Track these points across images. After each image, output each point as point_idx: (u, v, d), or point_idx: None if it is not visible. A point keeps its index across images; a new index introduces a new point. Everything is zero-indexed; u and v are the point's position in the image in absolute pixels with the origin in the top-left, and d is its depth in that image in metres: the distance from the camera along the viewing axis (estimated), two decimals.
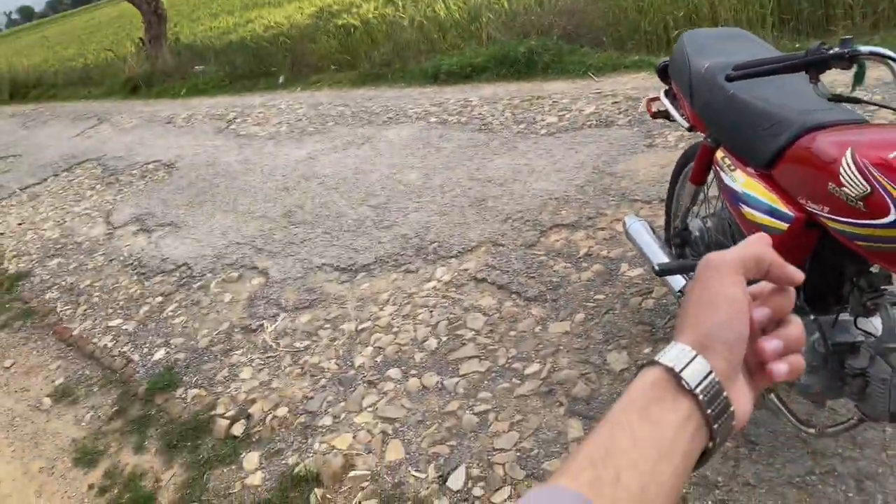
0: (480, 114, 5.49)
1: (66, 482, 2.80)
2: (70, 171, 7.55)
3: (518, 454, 2.22)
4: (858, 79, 1.29)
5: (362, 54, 8.66)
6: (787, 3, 5.65)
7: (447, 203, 4.06)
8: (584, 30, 6.60)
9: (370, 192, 4.55)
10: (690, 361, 0.47)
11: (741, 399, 0.50)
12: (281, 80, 9.32)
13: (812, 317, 1.61)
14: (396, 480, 2.28)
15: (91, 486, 2.75)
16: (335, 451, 2.48)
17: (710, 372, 0.47)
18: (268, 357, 3.16)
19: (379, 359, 2.89)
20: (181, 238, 4.80)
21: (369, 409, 2.63)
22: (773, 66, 1.28)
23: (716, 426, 0.47)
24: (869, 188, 1.31)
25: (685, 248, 2.30)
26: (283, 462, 2.54)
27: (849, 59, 1.20)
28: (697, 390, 0.46)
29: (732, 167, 1.84)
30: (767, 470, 1.89)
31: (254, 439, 2.71)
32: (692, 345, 0.48)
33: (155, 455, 2.85)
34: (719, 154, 1.92)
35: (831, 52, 1.21)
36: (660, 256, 2.28)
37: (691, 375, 0.47)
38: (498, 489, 2.13)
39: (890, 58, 1.19)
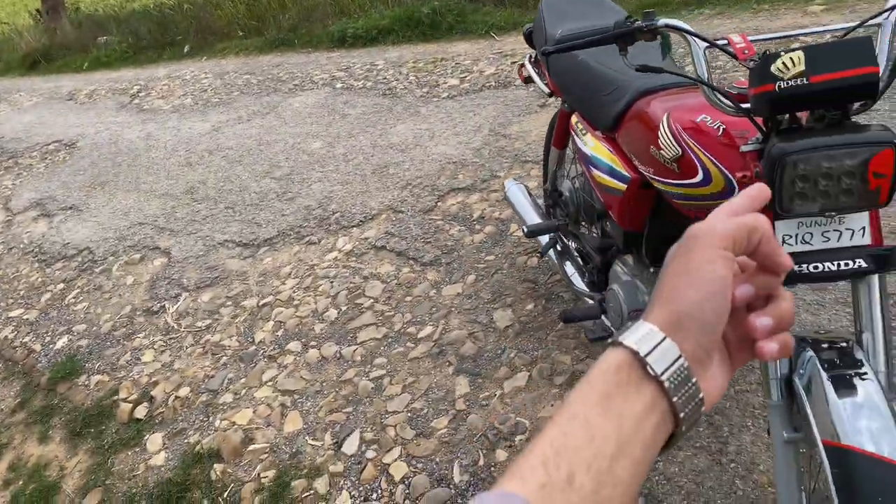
0: (385, 78, 5.48)
1: None
2: None
3: (409, 415, 2.32)
4: (665, 49, 1.38)
5: (270, 19, 8.46)
6: None
7: (350, 172, 4.07)
8: None
9: (274, 164, 4.52)
10: (658, 344, 0.43)
11: (713, 381, 0.46)
12: (186, 49, 9.02)
13: (651, 269, 1.74)
14: (294, 450, 2.35)
15: None
16: (235, 426, 2.52)
17: (679, 356, 0.44)
18: (170, 338, 3.16)
19: (280, 333, 2.93)
20: (83, 221, 4.67)
21: (269, 384, 2.67)
22: (585, 40, 1.35)
23: (682, 414, 0.43)
24: (680, 150, 1.41)
25: (556, 208, 2.41)
26: (186, 441, 2.57)
27: (650, 32, 1.28)
28: (664, 377, 0.43)
29: (584, 131, 1.93)
30: None
31: (157, 421, 2.73)
32: (662, 325, 0.45)
33: (59, 444, 2.84)
34: (574, 119, 2.01)
35: (635, 25, 1.29)
36: (533, 217, 2.38)
37: (658, 360, 0.43)
38: (389, 450, 2.22)
39: (685, 30, 1.27)
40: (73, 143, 6.45)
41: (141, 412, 2.79)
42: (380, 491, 2.11)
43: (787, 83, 1.08)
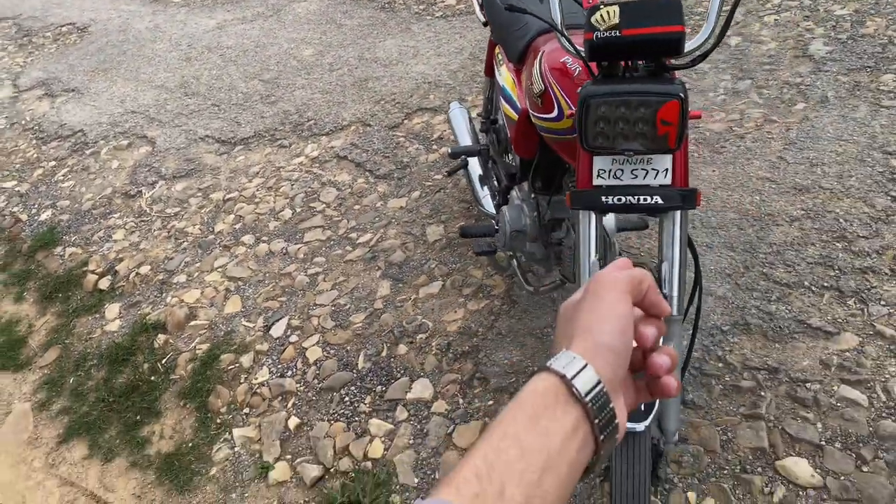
0: None
1: None
2: None
3: (333, 309, 2.56)
4: None
5: None
6: None
7: (332, 81, 4.20)
8: None
9: (265, 67, 4.66)
10: (582, 369, 0.47)
11: (621, 411, 0.50)
12: None
13: (532, 196, 1.91)
14: (229, 329, 2.61)
15: None
16: (183, 304, 2.78)
17: (599, 381, 0.47)
18: (141, 221, 3.40)
19: (238, 226, 3.16)
20: (82, 105, 4.87)
21: (219, 270, 2.92)
22: None
23: (601, 437, 0.47)
24: (543, 87, 1.56)
25: (488, 134, 2.55)
26: (139, 313, 2.84)
27: None
28: (587, 399, 0.46)
29: (501, 62, 2.07)
30: (518, 323, 2.25)
31: (117, 293, 3.00)
32: (583, 353, 0.48)
33: (31, 305, 3.13)
34: (497, 49, 2.14)
35: None
36: (465, 140, 2.54)
37: (582, 384, 0.47)
38: (310, 336, 2.47)
39: None
40: (86, 28, 6.58)
41: (104, 284, 3.06)
42: (295, 370, 2.37)
43: (603, 34, 1.22)
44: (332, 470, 2.03)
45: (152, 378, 2.53)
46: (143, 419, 2.41)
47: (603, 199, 1.34)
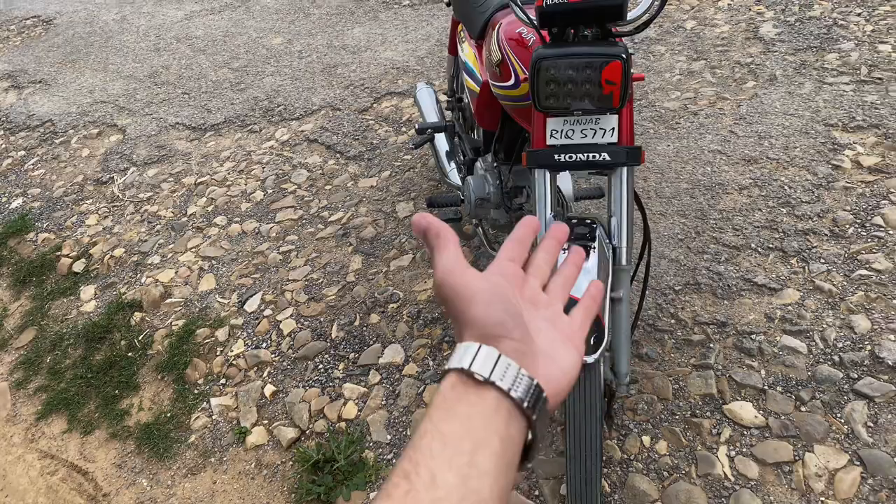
0: None
1: None
2: None
3: (306, 283, 2.64)
4: None
5: None
6: None
7: (301, 68, 4.27)
8: None
9: (234, 56, 4.70)
10: (476, 354, 0.46)
11: (551, 367, 0.49)
12: None
13: (495, 165, 2.01)
14: (204, 305, 2.68)
15: None
16: (157, 283, 2.84)
17: (499, 355, 0.46)
18: (113, 206, 3.44)
19: (210, 208, 3.22)
20: (50, 96, 4.87)
21: (193, 250, 2.98)
22: None
23: (525, 405, 0.45)
24: (501, 56, 1.66)
25: (454, 112, 2.65)
26: (114, 293, 2.89)
27: None
28: (493, 377, 0.45)
29: (463, 39, 2.17)
30: None
31: (92, 275, 3.04)
32: (475, 339, 0.47)
33: (5, 290, 3.16)
34: (459, 27, 2.24)
35: None
36: (431, 118, 2.63)
37: (481, 366, 0.45)
38: (284, 310, 2.55)
39: None
40: (51, 20, 6.54)
41: (79, 267, 3.10)
42: (269, 341, 2.45)
43: (552, 1, 1.32)
44: (307, 431, 2.12)
45: (129, 354, 2.59)
46: (122, 393, 2.47)
47: (556, 156, 1.45)
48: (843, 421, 1.72)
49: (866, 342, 1.88)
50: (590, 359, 1.32)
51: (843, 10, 3.44)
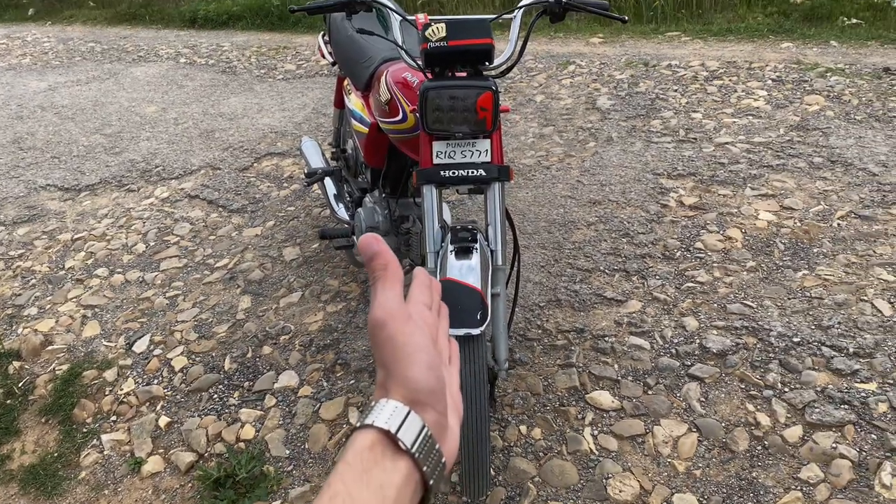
0: (228, 58, 5.80)
1: None
2: None
3: (195, 323, 2.72)
4: (381, 20, 1.91)
5: None
6: None
7: (178, 133, 4.39)
8: None
9: (106, 123, 4.73)
10: (405, 419, 0.46)
11: (450, 439, 0.49)
12: (31, 12, 8.79)
13: (383, 196, 2.28)
14: (89, 350, 2.68)
15: None
16: (37, 332, 2.80)
17: (423, 427, 0.46)
18: None
19: (90, 262, 3.22)
20: None
21: (73, 300, 2.97)
22: (319, 5, 1.86)
23: (431, 482, 0.46)
24: (390, 96, 1.95)
25: (339, 161, 2.90)
26: None
27: (365, 4, 1.80)
28: (414, 449, 0.45)
29: (349, 91, 2.45)
30: None
31: None
32: (403, 401, 0.46)
33: None
34: (345, 82, 2.53)
35: None
36: (318, 164, 2.87)
37: (407, 435, 0.45)
38: (174, 348, 2.61)
39: (386, 6, 1.81)
40: None
41: None
42: (161, 378, 2.49)
43: (435, 45, 1.63)
44: (205, 455, 2.18)
45: (8, 402, 2.53)
46: (1, 438, 2.40)
47: (441, 173, 1.73)
48: (681, 399, 2.07)
49: (696, 337, 2.27)
50: (476, 330, 1.56)
51: (663, 87, 4.10)
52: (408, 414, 0.46)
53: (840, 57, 4.42)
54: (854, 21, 5.03)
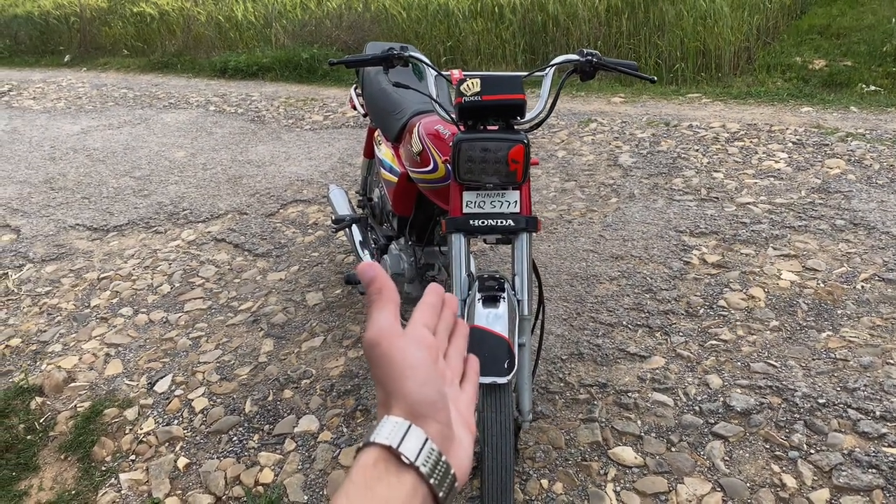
0: (257, 107, 5.96)
1: None
2: None
3: (218, 364, 2.74)
4: (417, 73, 1.98)
5: (157, 43, 8.76)
6: (529, 42, 6.72)
7: (206, 178, 4.48)
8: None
9: (136, 166, 4.85)
10: (406, 433, 0.45)
11: (460, 451, 0.49)
12: (67, 58, 9.11)
13: (409, 243, 2.31)
14: (111, 388, 2.70)
15: None
16: (60, 369, 2.83)
17: (426, 440, 0.46)
18: (8, 300, 3.39)
19: (115, 301, 3.27)
20: None
21: (97, 338, 3.00)
22: (358, 58, 1.93)
23: (441, 494, 0.45)
24: (421, 147, 2.01)
25: (366, 209, 2.96)
26: (11, 381, 2.83)
27: (401, 59, 1.87)
28: (417, 462, 0.45)
29: (380, 142, 2.51)
30: None
31: None
32: (405, 416, 0.47)
33: None
34: (376, 133, 2.60)
35: (390, 53, 1.88)
36: (345, 212, 2.93)
37: (409, 448, 0.45)
38: (195, 389, 2.62)
39: (423, 61, 1.88)
40: None
41: None
42: (181, 418, 2.50)
43: (470, 99, 1.69)
44: (223, 497, 2.17)
45: (28, 437, 2.54)
46: (20, 475, 2.40)
47: (471, 222, 1.77)
48: (705, 457, 2.04)
49: (719, 395, 2.25)
50: (503, 379, 1.57)
51: (684, 146, 4.16)
52: (409, 428, 0.46)
53: (860, 122, 4.47)
54: (873, 88, 5.11)
